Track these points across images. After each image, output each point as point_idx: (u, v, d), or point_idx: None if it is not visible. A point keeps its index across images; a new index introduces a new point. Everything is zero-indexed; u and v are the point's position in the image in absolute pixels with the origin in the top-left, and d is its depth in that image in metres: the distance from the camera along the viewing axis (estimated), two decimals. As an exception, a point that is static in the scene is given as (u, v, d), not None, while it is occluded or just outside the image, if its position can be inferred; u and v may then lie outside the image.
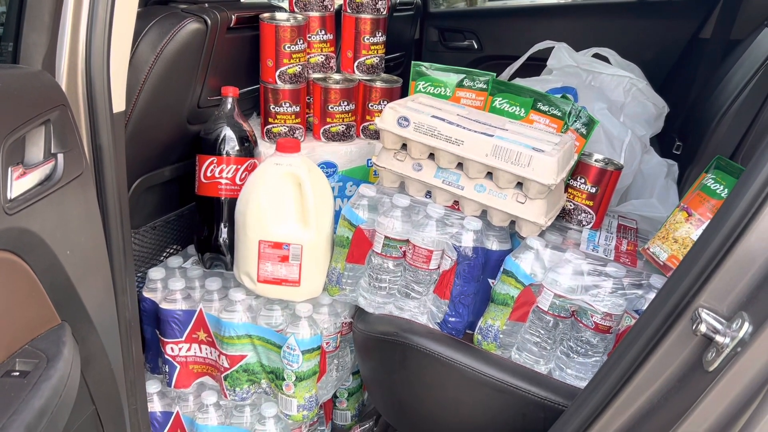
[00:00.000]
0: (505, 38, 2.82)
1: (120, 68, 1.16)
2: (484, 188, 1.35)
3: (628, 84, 1.77)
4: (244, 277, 1.46)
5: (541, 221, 1.32)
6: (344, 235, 1.44)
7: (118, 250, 1.21)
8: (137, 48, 1.36)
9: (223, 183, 1.52)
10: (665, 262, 1.32)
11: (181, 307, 1.50)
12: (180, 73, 1.45)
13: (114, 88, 1.14)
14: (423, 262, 1.38)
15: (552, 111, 1.48)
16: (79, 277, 0.99)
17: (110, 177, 1.17)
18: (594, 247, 1.38)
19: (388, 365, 1.43)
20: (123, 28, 1.14)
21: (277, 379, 1.47)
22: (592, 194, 1.44)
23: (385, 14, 1.70)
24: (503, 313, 1.34)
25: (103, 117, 1.12)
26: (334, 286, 1.48)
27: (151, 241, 1.67)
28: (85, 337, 1.03)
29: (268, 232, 1.40)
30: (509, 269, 1.32)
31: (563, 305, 1.29)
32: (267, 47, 1.57)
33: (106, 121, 1.13)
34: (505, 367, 1.32)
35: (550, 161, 1.26)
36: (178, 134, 1.56)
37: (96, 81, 1.10)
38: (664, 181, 1.64)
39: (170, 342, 1.52)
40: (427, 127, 1.35)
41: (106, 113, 1.13)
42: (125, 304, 1.25)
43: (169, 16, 1.41)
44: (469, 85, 1.55)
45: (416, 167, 1.41)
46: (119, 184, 1.20)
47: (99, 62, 1.10)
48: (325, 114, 1.67)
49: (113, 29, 1.11)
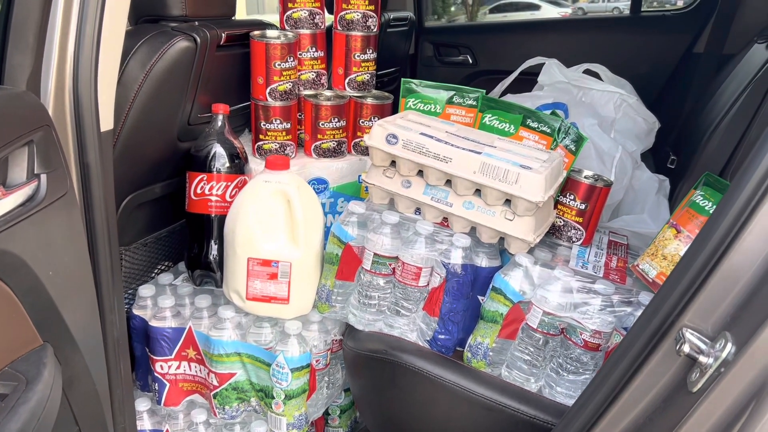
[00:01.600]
0: (500, 53, 2.83)
1: (108, 87, 1.17)
2: (473, 205, 1.35)
3: (619, 100, 1.77)
4: (233, 295, 1.45)
5: (530, 238, 1.31)
6: (334, 252, 1.44)
7: (105, 269, 1.20)
8: (126, 66, 1.36)
9: (213, 200, 1.52)
10: (654, 279, 1.31)
11: (171, 324, 1.49)
12: (170, 91, 1.46)
13: (102, 106, 1.14)
14: (412, 279, 1.37)
15: (541, 128, 1.48)
16: (62, 298, 0.99)
17: (98, 195, 1.16)
18: (583, 264, 1.38)
19: (378, 383, 1.42)
20: (111, 47, 1.15)
21: (267, 397, 1.46)
22: (582, 211, 1.44)
23: (375, 31, 1.70)
24: (492, 330, 1.33)
25: (90, 136, 1.12)
26: (324, 303, 1.47)
27: (142, 257, 1.66)
28: (68, 358, 1.02)
29: (257, 250, 1.40)
30: (498, 286, 1.32)
31: (552, 323, 1.28)
32: (257, 65, 1.57)
33: (94, 139, 1.13)
34: (494, 385, 1.31)
35: (537, 178, 1.26)
36: (168, 151, 1.56)
37: (83, 100, 1.10)
38: (656, 197, 1.64)
39: (160, 360, 1.51)
40: (415, 145, 1.35)
41: (94, 132, 1.13)
42: (113, 322, 1.24)
43: (158, 35, 1.42)
44: (458, 101, 1.56)
45: (405, 184, 1.41)
46: (107, 202, 1.19)
47: (86, 81, 1.10)
48: (316, 130, 1.67)
49: (101, 48, 1.11)
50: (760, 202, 0.79)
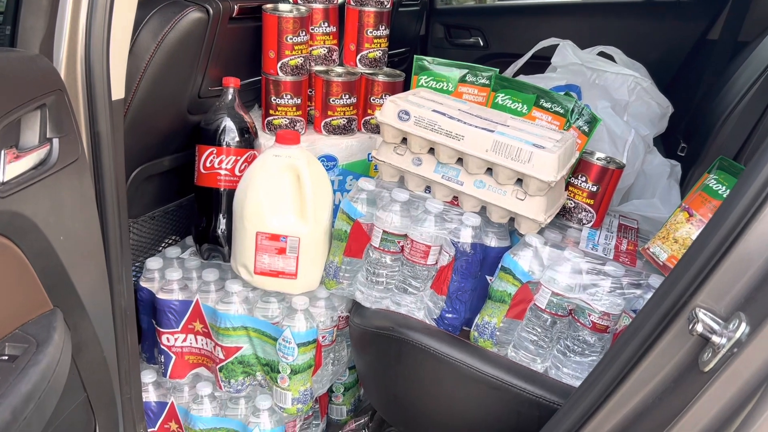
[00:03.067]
0: (511, 36, 2.80)
1: (120, 55, 1.16)
2: (484, 184, 1.34)
3: (633, 83, 1.75)
4: (241, 269, 1.45)
5: (541, 218, 1.30)
6: (342, 229, 1.44)
7: (114, 239, 1.20)
8: (138, 36, 1.35)
9: (222, 174, 1.51)
10: (665, 263, 1.30)
11: (178, 297, 1.50)
12: (181, 63, 1.44)
13: (113, 75, 1.13)
14: (421, 257, 1.37)
15: (554, 108, 1.47)
16: (72, 264, 0.99)
17: (108, 164, 1.16)
18: (593, 246, 1.37)
19: (384, 360, 1.42)
20: (124, 16, 1.13)
21: (272, 371, 1.47)
22: (593, 193, 1.43)
23: (389, 7, 1.69)
24: (500, 310, 1.33)
25: (101, 104, 1.12)
26: (332, 279, 1.47)
27: (150, 230, 1.66)
28: (77, 324, 1.02)
29: (265, 224, 1.39)
30: (507, 266, 1.31)
31: (561, 304, 1.27)
32: (269, 38, 1.56)
33: (105, 108, 1.12)
34: (500, 364, 1.31)
35: (550, 158, 1.25)
36: (178, 124, 1.55)
37: (95, 67, 1.09)
38: (667, 182, 1.63)
39: (166, 332, 1.52)
40: (427, 122, 1.34)
41: (105, 100, 1.12)
42: (121, 292, 1.24)
43: (171, 5, 1.40)
44: (471, 80, 1.54)
45: (416, 162, 1.40)
46: (117, 171, 1.19)
47: (98, 49, 1.09)
48: (327, 107, 1.66)
49: (114, 16, 1.10)
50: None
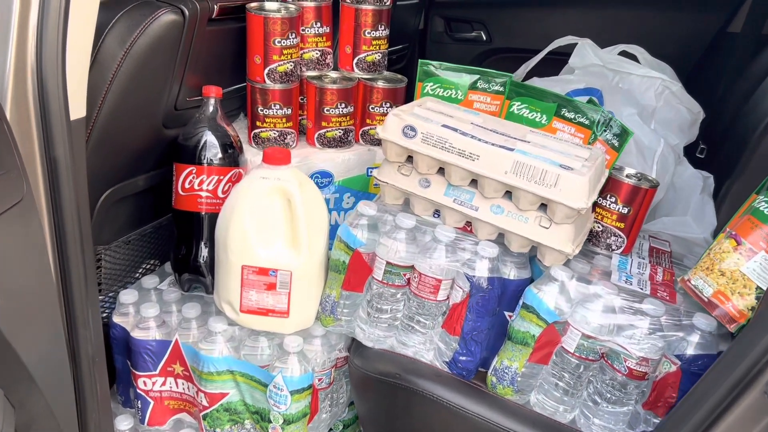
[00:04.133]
0: (517, 30, 2.62)
1: (79, 67, 1.00)
2: (502, 210, 1.17)
3: (661, 86, 1.58)
4: (225, 306, 1.28)
5: (568, 249, 1.14)
6: (340, 259, 1.27)
7: (78, 278, 1.05)
8: (103, 43, 1.19)
9: (204, 196, 1.34)
10: (710, 299, 1.14)
11: (155, 336, 1.33)
12: (154, 72, 1.28)
13: (72, 90, 0.98)
14: (430, 292, 1.20)
15: (578, 119, 1.30)
16: (16, 330, 0.81)
17: (68, 194, 1.01)
18: (627, 278, 1.20)
19: (389, 409, 1.26)
20: (83, 19, 0.98)
21: (263, 420, 1.30)
22: (624, 215, 1.26)
23: (389, 5, 1.51)
24: (522, 353, 1.17)
25: (58, 125, 0.97)
26: (328, 315, 1.30)
27: (125, 256, 1.49)
28: (23, 400, 0.85)
29: (252, 257, 1.22)
30: (530, 304, 1.15)
31: (592, 347, 1.12)
32: (255, 42, 1.39)
33: (62, 129, 0.98)
34: (523, 417, 1.15)
35: (580, 181, 1.08)
36: (152, 140, 1.38)
37: (49, 83, 0.94)
38: (700, 197, 1.46)
39: (143, 375, 1.35)
40: (437, 139, 1.17)
41: (62, 121, 0.97)
42: (87, 338, 1.08)
43: (140, 6, 1.24)
44: (483, 87, 1.37)
45: (423, 183, 1.23)
46: (79, 200, 1.04)
47: (53, 61, 0.94)
48: (320, 117, 1.48)
49: (70, 21, 0.94)
50: None
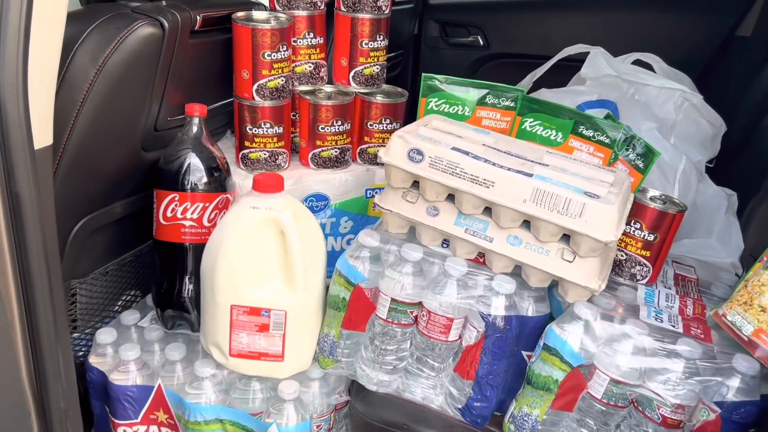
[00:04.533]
0: (515, 34, 2.51)
1: (44, 89, 0.89)
2: (520, 241, 1.06)
3: (680, 99, 1.47)
4: (213, 349, 1.16)
5: (594, 285, 1.03)
6: (340, 296, 1.15)
7: (46, 325, 0.95)
8: (72, 60, 1.08)
9: (188, 225, 1.22)
10: (751, 338, 1.03)
11: (136, 381, 1.20)
12: (130, 90, 1.16)
13: (36, 116, 0.88)
14: (441, 332, 1.09)
15: (597, 137, 1.19)
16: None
17: (33, 230, 0.91)
18: (657, 313, 1.09)
19: (396, 461, 1.14)
20: (48, 35, 0.88)
21: (256, 473, 1.19)
22: (649, 243, 1.15)
23: (387, 13, 1.39)
24: (544, 400, 1.05)
25: (20, 157, 0.87)
26: (327, 356, 1.19)
27: (103, 289, 1.37)
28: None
29: (242, 295, 1.10)
30: (552, 345, 1.04)
31: (622, 392, 1.00)
32: (242, 55, 1.27)
33: (25, 161, 0.88)
34: (547, 473, 1.04)
35: (608, 211, 0.97)
36: (130, 165, 1.26)
37: (9, 109, 0.84)
38: (725, 217, 1.36)
39: (123, 424, 1.22)
40: (446, 163, 1.05)
41: (26, 151, 0.87)
42: (58, 392, 0.97)
43: (114, 19, 1.12)
44: (492, 102, 1.26)
45: (431, 211, 1.11)
46: (46, 236, 0.94)
47: (12, 84, 0.84)
48: (315, 135, 1.36)
49: (32, 37, 0.84)
50: None
